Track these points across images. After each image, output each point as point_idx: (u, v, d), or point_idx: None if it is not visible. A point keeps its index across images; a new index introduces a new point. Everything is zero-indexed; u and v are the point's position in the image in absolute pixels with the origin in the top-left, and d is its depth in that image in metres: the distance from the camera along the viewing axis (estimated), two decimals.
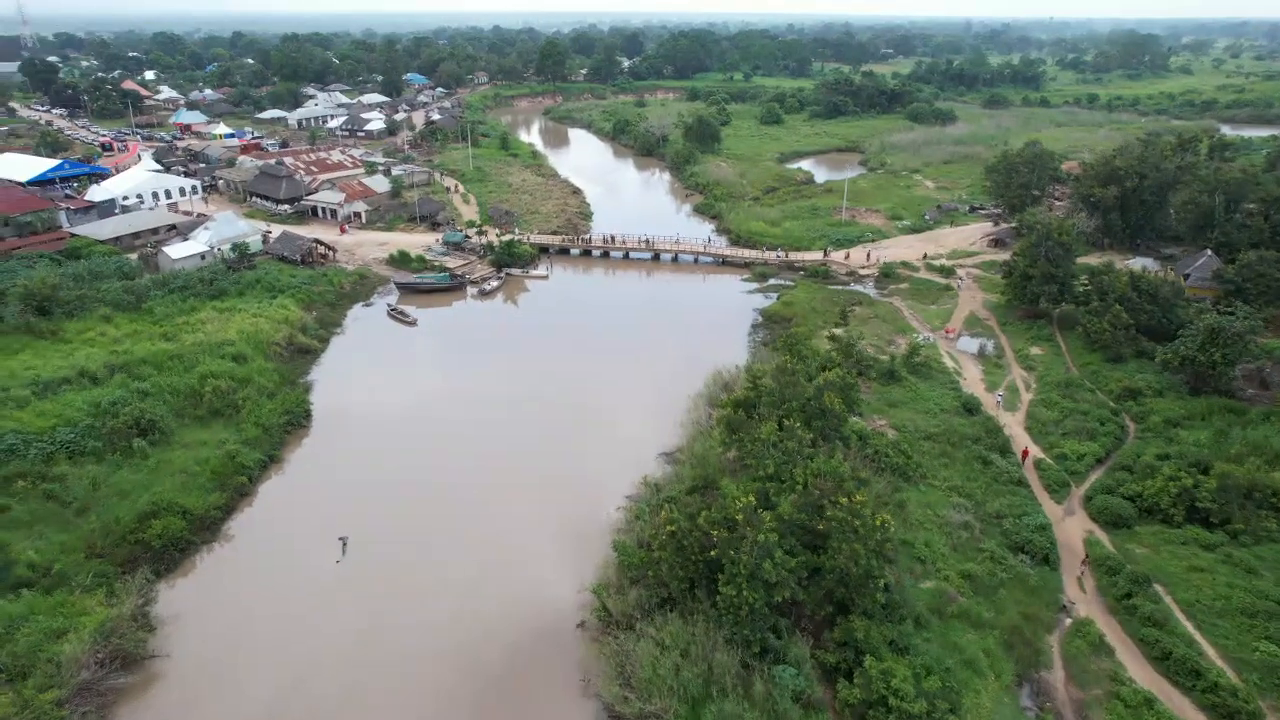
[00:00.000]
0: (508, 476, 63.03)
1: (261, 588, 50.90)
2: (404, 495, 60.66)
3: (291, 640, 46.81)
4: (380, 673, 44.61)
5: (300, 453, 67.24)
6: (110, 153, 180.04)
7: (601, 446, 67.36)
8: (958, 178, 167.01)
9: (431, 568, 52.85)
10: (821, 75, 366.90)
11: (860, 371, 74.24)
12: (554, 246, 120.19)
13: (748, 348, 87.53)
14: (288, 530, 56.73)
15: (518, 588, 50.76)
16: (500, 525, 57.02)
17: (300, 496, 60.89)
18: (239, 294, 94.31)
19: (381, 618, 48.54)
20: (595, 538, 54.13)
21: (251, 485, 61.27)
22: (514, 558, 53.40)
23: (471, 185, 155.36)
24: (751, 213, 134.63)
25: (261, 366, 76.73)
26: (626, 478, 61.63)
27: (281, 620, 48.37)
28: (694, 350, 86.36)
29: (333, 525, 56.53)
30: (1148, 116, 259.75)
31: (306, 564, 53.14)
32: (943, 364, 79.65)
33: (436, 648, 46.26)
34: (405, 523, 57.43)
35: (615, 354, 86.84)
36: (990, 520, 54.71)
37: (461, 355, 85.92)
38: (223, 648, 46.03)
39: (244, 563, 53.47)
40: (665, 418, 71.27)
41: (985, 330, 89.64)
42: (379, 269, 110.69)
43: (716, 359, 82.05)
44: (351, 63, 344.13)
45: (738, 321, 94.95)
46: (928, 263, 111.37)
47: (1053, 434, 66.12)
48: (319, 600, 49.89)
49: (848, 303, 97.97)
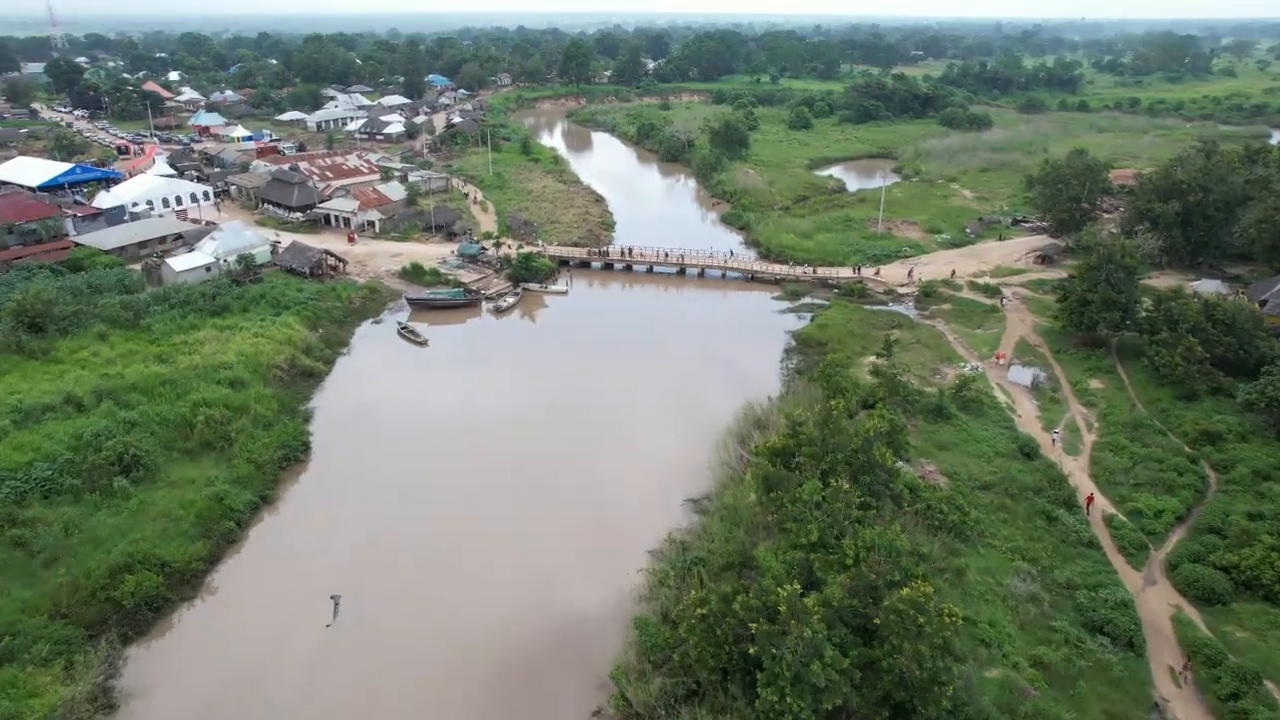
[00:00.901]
0: (519, 525, 57.42)
1: (240, 658, 45.57)
2: (401, 545, 55.22)
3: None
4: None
5: (295, 491, 62.06)
6: (126, 156, 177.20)
7: (621, 490, 61.54)
8: (996, 187, 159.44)
9: (427, 636, 47.27)
10: (850, 77, 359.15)
11: (905, 407, 67.94)
12: (574, 259, 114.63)
13: (780, 375, 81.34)
14: (276, 585, 51.47)
15: (524, 666, 45.07)
16: (509, 590, 51.36)
17: (292, 545, 55.65)
18: (242, 310, 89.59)
19: (368, 695, 43.07)
20: (614, 606, 48.32)
21: (240, 531, 56.12)
22: (522, 630, 47.68)
23: (490, 192, 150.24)
24: (781, 224, 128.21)
25: (259, 393, 71.70)
26: (649, 528, 55.87)
27: (258, 698, 43.03)
28: (722, 377, 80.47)
29: (325, 580, 51.25)
30: (1193, 122, 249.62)
31: (292, 628, 47.80)
32: (994, 398, 72.94)
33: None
34: (401, 579, 51.97)
35: (637, 381, 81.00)
36: (1061, 591, 48.23)
37: (472, 381, 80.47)
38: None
39: (223, 626, 48.20)
40: (692, 455, 65.44)
41: (1037, 358, 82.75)
42: (391, 282, 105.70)
43: (747, 388, 76.10)
44: (374, 64, 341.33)
45: (769, 345, 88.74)
46: (971, 281, 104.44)
47: (1123, 484, 59.39)
48: (303, 674, 44.52)
49: (887, 325, 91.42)
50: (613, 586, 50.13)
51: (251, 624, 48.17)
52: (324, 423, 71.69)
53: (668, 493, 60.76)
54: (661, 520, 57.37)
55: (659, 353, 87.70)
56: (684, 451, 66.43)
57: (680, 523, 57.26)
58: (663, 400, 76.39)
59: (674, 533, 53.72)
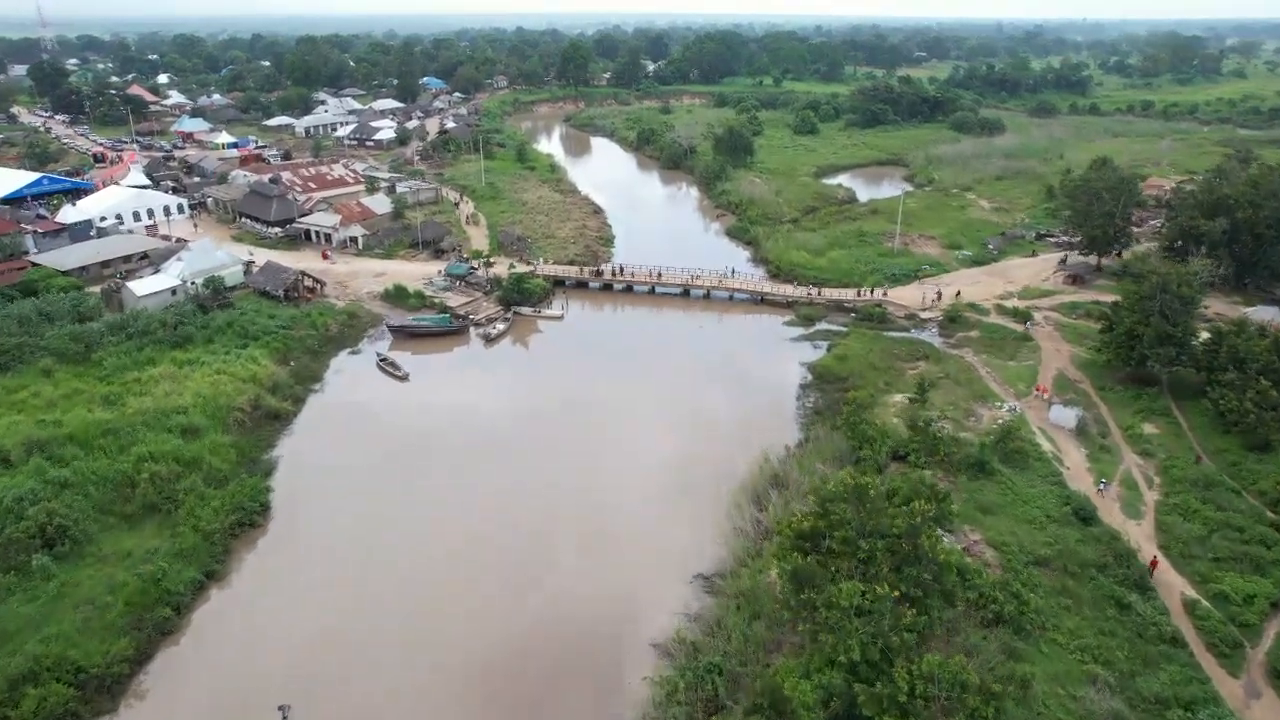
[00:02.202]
0: (500, 605, 49.71)
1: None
2: (370, 631, 47.51)
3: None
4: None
5: (250, 564, 54.24)
6: (103, 164, 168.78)
7: (622, 560, 53.82)
8: (1014, 197, 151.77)
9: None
10: (854, 79, 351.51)
11: (943, 459, 60.22)
12: (571, 279, 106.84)
13: (797, 415, 73.54)
14: (213, 689, 43.65)
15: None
16: (493, 698, 43.61)
17: (238, 634, 47.80)
18: (207, 341, 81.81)
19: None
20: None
21: (178, 618, 48.23)
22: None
23: (483, 204, 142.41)
24: (791, 240, 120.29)
25: (216, 442, 63.89)
26: (655, 609, 48.27)
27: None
28: (733, 417, 72.72)
29: (274, 681, 43.46)
30: (1210, 125, 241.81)
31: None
32: (1037, 446, 65.03)
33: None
34: (367, 678, 44.20)
35: (638, 421, 73.21)
36: (1149, 708, 40.38)
37: (457, 422, 72.65)
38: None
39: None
40: (701, 513, 57.95)
41: (1079, 395, 74.99)
42: (373, 305, 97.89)
43: (760, 430, 68.58)
44: (367, 65, 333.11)
45: (782, 378, 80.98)
46: (998, 304, 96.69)
47: (1200, 557, 51.62)
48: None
49: (911, 356, 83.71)
50: (615, 694, 42.31)
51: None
52: (288, 475, 63.88)
53: (674, 565, 53.01)
54: (668, 598, 49.79)
55: (662, 387, 79.95)
56: (692, 509, 58.78)
57: (690, 604, 49.57)
58: (668, 445, 68.59)
59: (683, 629, 45.88)
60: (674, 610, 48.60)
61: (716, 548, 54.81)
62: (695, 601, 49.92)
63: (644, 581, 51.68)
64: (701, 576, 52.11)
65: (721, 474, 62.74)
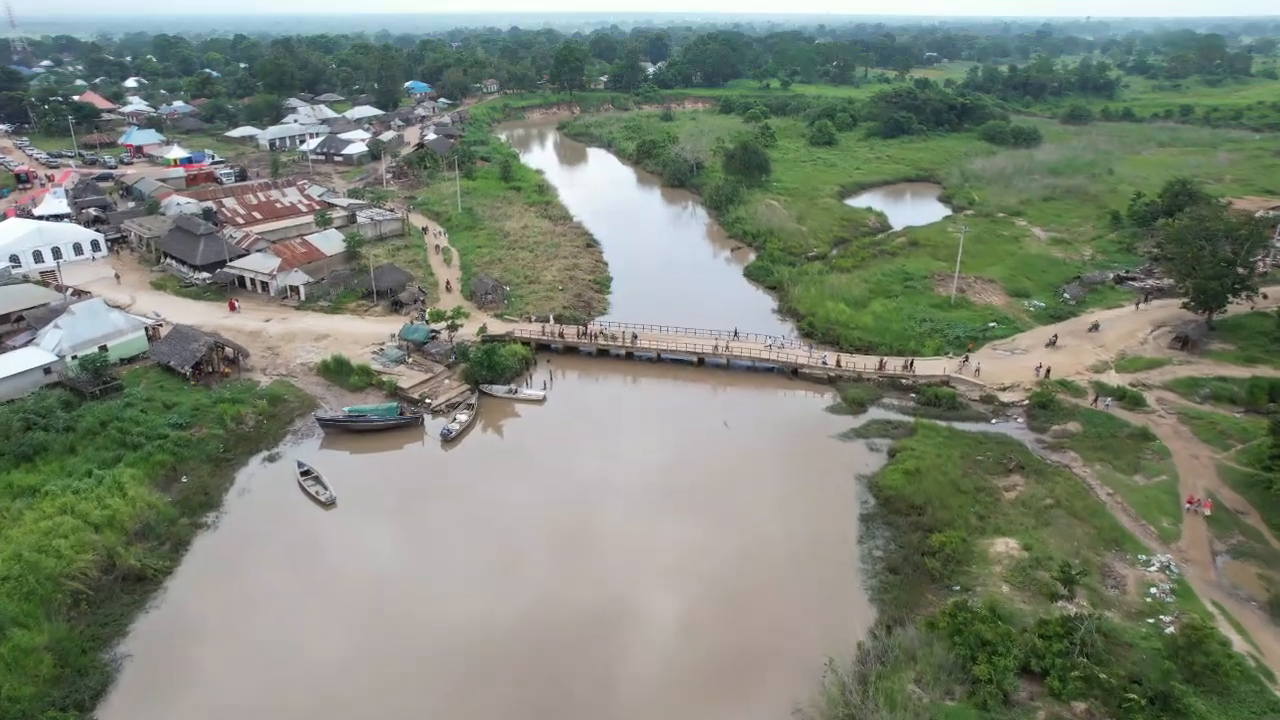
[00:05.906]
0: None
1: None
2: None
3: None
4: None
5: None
6: (28, 186, 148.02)
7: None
8: (1071, 223, 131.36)
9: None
10: (866, 82, 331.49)
11: (1103, 685, 40.00)
12: (557, 343, 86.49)
13: (861, 572, 53.07)
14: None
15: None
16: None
17: None
18: (67, 451, 61.42)
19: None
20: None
21: None
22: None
23: (457, 235, 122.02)
24: (824, 285, 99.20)
25: (23, 644, 43.46)
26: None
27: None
28: (775, 579, 52.26)
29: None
30: (1262, 133, 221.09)
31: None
32: (1231, 651, 44.32)
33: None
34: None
35: (641, 577, 52.81)
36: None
37: (399, 574, 52.36)
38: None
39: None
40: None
41: (1246, 534, 54.81)
42: (306, 382, 77.46)
43: (815, 605, 48.52)
44: (347, 69, 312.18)
45: (836, 501, 60.63)
46: (1096, 380, 76.49)
47: None
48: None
49: (1001, 466, 63.35)
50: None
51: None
52: (135, 688, 43.56)
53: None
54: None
55: (678, 519, 59.47)
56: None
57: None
58: (684, 624, 48.40)
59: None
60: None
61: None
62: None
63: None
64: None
65: (762, 679, 42.61)
